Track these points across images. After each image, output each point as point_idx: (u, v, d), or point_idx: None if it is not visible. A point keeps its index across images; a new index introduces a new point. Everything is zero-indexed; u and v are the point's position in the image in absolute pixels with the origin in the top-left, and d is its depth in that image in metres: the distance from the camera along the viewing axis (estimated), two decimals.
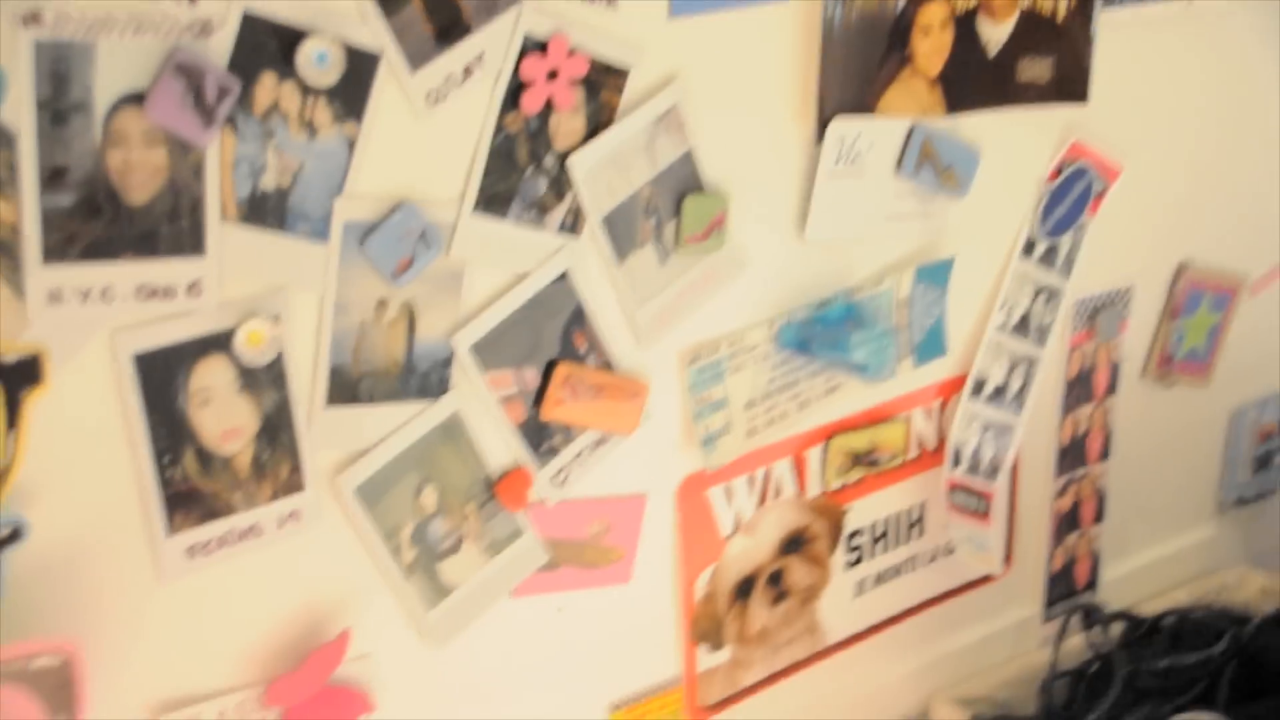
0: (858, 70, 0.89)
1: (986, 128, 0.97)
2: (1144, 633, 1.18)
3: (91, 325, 0.65)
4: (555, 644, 0.91)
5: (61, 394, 0.65)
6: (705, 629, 0.99)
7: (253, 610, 0.76)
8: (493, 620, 0.86)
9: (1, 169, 0.61)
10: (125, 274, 0.65)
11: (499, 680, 0.89)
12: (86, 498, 0.68)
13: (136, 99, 0.64)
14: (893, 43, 0.90)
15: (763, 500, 0.98)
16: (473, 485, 0.82)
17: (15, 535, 0.65)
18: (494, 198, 0.77)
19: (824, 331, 0.95)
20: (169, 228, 0.66)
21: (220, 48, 0.65)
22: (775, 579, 1.01)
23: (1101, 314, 1.14)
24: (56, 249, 0.63)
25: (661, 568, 0.94)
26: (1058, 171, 1.04)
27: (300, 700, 0.77)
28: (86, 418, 0.67)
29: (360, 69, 0.70)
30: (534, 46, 0.75)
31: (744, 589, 1.00)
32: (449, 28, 0.72)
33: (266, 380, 0.72)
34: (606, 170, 0.81)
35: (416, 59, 0.71)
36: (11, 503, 0.65)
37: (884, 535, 1.08)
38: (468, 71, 0.73)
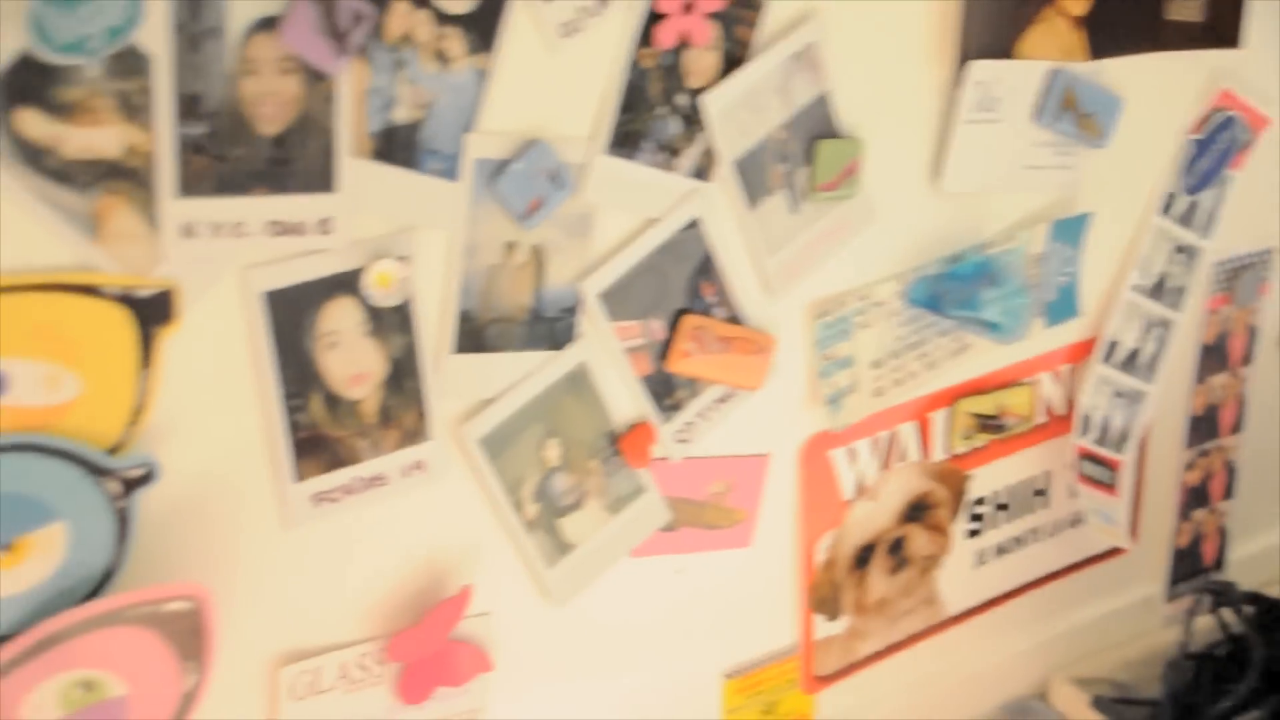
0: (999, 9, 0.84)
1: (1130, 73, 0.92)
2: (1276, 616, 1.12)
3: (223, 261, 0.63)
4: (672, 607, 0.88)
5: (192, 332, 0.64)
6: (823, 597, 0.95)
7: (375, 562, 0.74)
8: (611, 580, 0.83)
9: (136, 95, 0.59)
10: (257, 208, 0.63)
11: (614, 643, 0.86)
12: (215, 440, 0.66)
13: (270, 24, 0.61)
14: None
15: (886, 464, 0.94)
16: (596, 439, 0.79)
17: (147, 477, 0.63)
18: (625, 137, 0.74)
19: (955, 288, 0.91)
20: (300, 161, 0.64)
21: None
22: (896, 547, 0.97)
23: (1241, 276, 1.07)
24: (190, 181, 0.61)
25: (782, 531, 0.91)
26: (1202, 122, 0.98)
27: (421, 656, 0.75)
28: (217, 358, 0.65)
29: None
30: None
31: (863, 556, 0.96)
32: None
33: (394, 324, 0.70)
34: (740, 111, 0.77)
35: None
36: (144, 443, 0.63)
37: (1006, 505, 1.03)
38: (602, 1, 0.70)
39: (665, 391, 0.81)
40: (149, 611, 0.62)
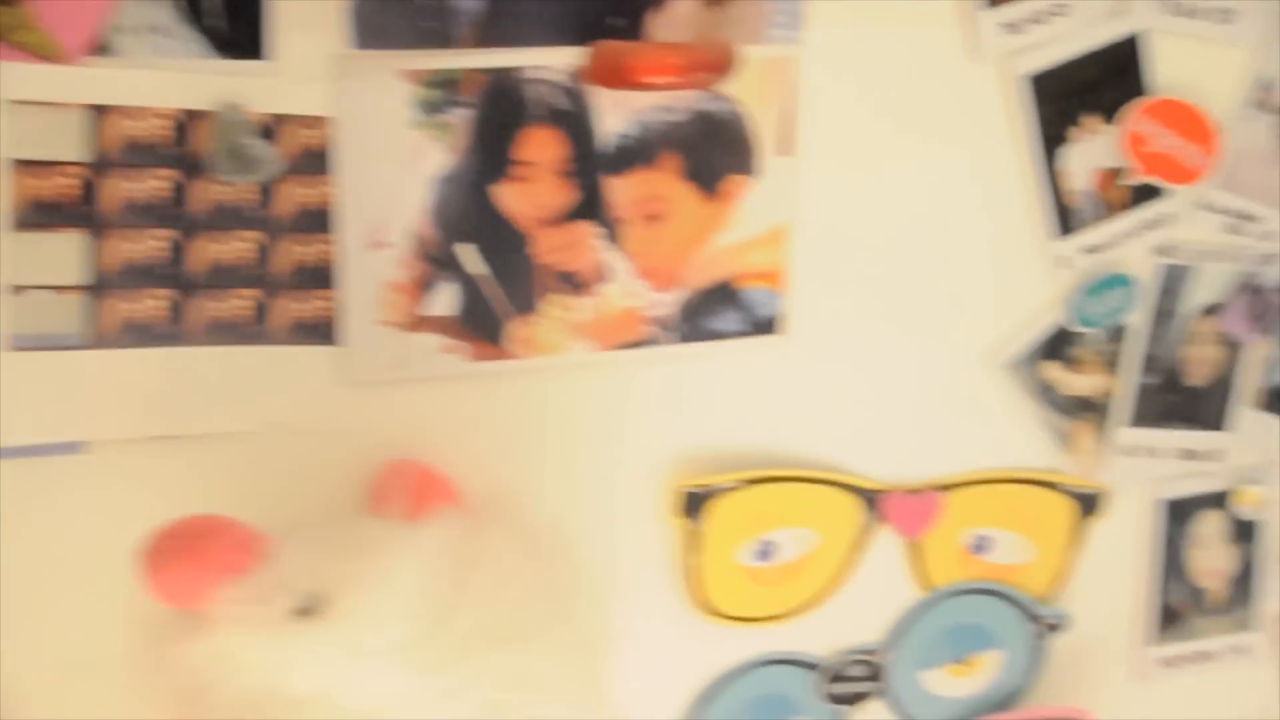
0: None
1: None
2: None
3: (1140, 474, 0.85)
4: None
5: (1107, 523, 0.85)
6: None
7: None
8: None
9: (1115, 354, 0.82)
10: (1172, 439, 0.84)
11: None
12: (1100, 604, 0.87)
13: (1211, 310, 0.82)
14: None
15: None
16: None
17: (1060, 625, 0.85)
18: None
19: None
20: (1209, 406, 0.84)
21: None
22: None
23: None
24: (1137, 416, 0.83)
25: None
26: None
27: None
28: (1116, 544, 0.86)
29: None
30: None
31: None
32: None
33: (1247, 534, 0.87)
34: None
35: None
36: (1061, 599, 0.85)
37: None
38: None
39: None
40: None
